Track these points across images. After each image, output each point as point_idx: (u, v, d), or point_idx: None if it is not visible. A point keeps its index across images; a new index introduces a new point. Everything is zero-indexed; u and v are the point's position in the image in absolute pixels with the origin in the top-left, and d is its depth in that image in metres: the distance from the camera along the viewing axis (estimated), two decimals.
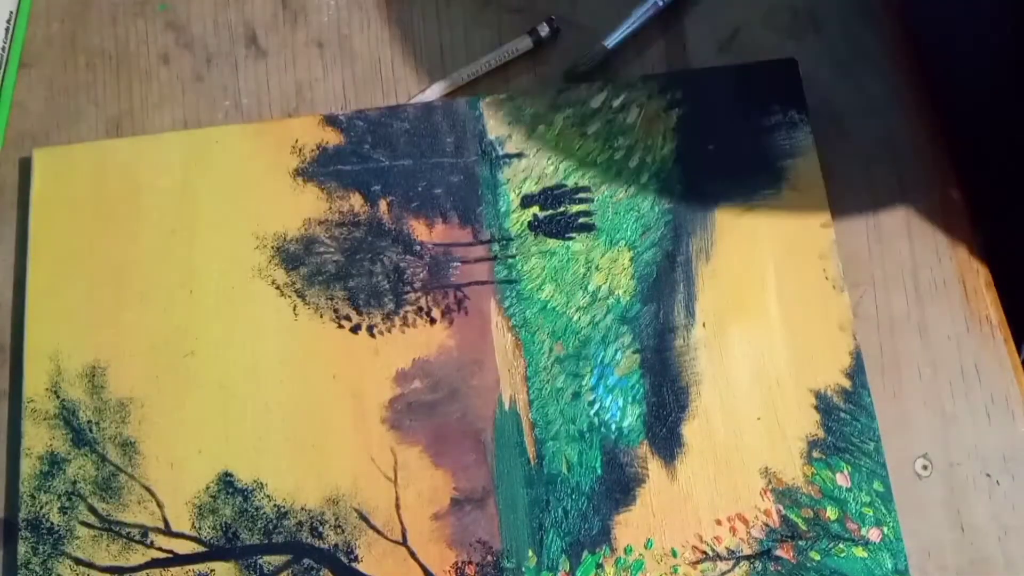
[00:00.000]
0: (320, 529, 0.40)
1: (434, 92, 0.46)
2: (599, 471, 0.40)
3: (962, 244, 0.43)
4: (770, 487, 0.40)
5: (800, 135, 0.44)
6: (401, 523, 0.40)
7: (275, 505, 0.40)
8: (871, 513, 0.39)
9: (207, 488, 0.41)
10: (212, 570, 0.40)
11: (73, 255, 0.44)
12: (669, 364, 0.41)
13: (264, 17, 0.49)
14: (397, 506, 0.40)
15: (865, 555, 0.39)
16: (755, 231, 0.43)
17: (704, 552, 0.39)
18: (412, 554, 0.40)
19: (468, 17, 0.48)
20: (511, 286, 0.43)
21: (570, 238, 0.43)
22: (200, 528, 0.40)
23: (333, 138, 0.45)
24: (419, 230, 0.44)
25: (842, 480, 0.40)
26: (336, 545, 0.40)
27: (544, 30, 0.47)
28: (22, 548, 0.40)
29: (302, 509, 0.40)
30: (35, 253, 0.44)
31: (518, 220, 0.44)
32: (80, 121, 0.47)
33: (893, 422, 0.41)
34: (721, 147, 0.44)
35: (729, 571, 0.39)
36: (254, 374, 0.42)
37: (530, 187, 0.44)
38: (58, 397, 0.42)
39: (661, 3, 0.47)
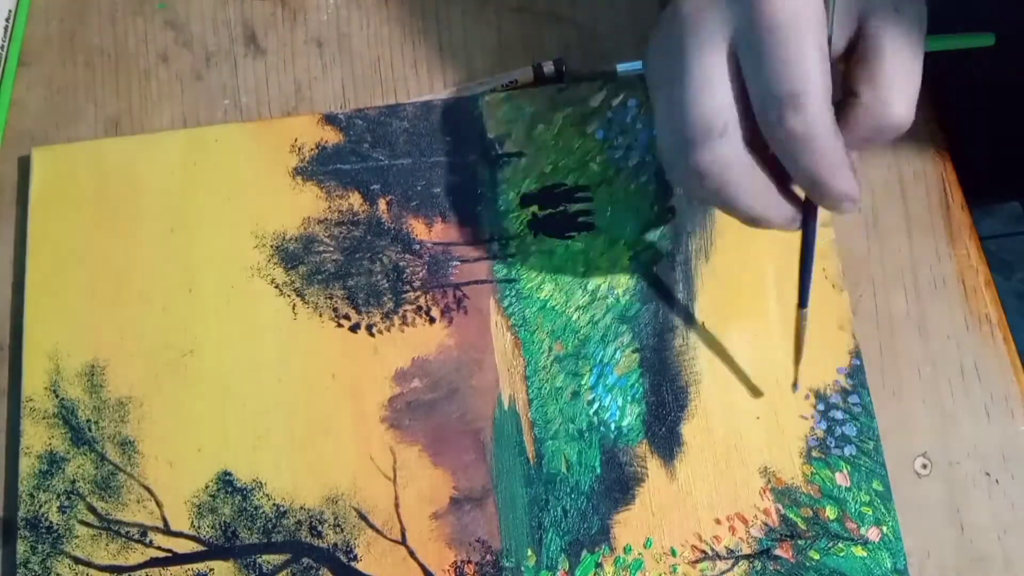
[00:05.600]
0: (319, 528, 0.40)
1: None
2: (598, 470, 0.40)
3: (962, 244, 0.43)
4: (769, 486, 0.40)
5: None
6: (400, 522, 0.40)
7: (274, 504, 0.40)
8: (870, 512, 0.39)
9: (206, 487, 0.41)
10: (211, 569, 0.40)
11: (72, 254, 0.44)
12: (668, 363, 0.41)
13: (263, 16, 0.49)
14: (396, 505, 0.40)
15: (864, 554, 0.39)
16: (755, 230, 0.43)
17: (703, 551, 0.39)
18: (411, 553, 0.40)
19: (468, 16, 0.48)
20: (510, 285, 0.43)
21: (569, 237, 0.43)
22: (199, 527, 0.40)
23: (332, 137, 0.45)
24: (418, 229, 0.44)
25: (841, 479, 0.40)
26: (335, 544, 0.40)
27: (548, 67, 0.46)
28: (21, 547, 0.40)
29: (301, 508, 0.40)
30: (34, 252, 0.44)
31: (517, 219, 0.44)
32: (79, 120, 0.47)
33: (893, 421, 0.41)
34: None
35: (728, 570, 0.39)
36: (253, 373, 0.42)
37: (529, 186, 0.44)
38: (57, 396, 0.42)
39: None
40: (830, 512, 0.39)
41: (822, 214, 0.42)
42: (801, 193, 0.35)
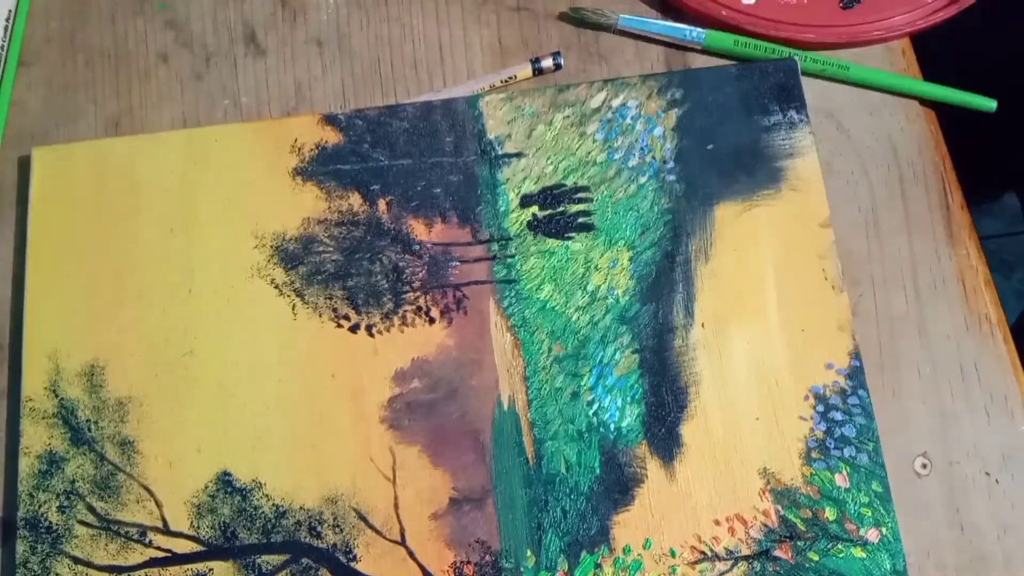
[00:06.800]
0: (318, 528, 0.40)
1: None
2: (598, 471, 0.40)
3: (962, 244, 0.43)
4: (769, 487, 0.40)
5: (800, 135, 0.44)
6: (400, 523, 0.40)
7: (274, 504, 0.40)
8: (870, 514, 0.39)
9: (206, 487, 0.41)
10: (210, 569, 0.40)
11: (72, 254, 0.44)
12: (668, 364, 0.41)
13: (263, 16, 0.49)
14: (396, 506, 0.40)
15: (864, 555, 0.39)
16: (754, 231, 0.43)
17: (703, 552, 0.39)
18: (411, 554, 0.40)
19: (467, 16, 0.48)
20: (510, 286, 0.43)
21: (569, 238, 0.43)
22: (199, 527, 0.40)
23: (332, 137, 0.45)
24: (418, 229, 0.44)
25: (841, 480, 0.40)
26: (335, 545, 0.40)
27: (547, 62, 0.46)
28: (20, 547, 0.40)
29: (301, 508, 0.40)
30: (34, 252, 0.44)
31: (517, 220, 0.44)
32: (79, 120, 0.47)
33: (892, 421, 0.41)
34: (721, 147, 0.44)
35: (727, 571, 0.39)
36: (253, 373, 0.42)
37: (529, 187, 0.44)
38: (57, 396, 0.42)
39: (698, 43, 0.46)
40: (829, 513, 0.39)
41: (819, 214, 0.42)
42: None
